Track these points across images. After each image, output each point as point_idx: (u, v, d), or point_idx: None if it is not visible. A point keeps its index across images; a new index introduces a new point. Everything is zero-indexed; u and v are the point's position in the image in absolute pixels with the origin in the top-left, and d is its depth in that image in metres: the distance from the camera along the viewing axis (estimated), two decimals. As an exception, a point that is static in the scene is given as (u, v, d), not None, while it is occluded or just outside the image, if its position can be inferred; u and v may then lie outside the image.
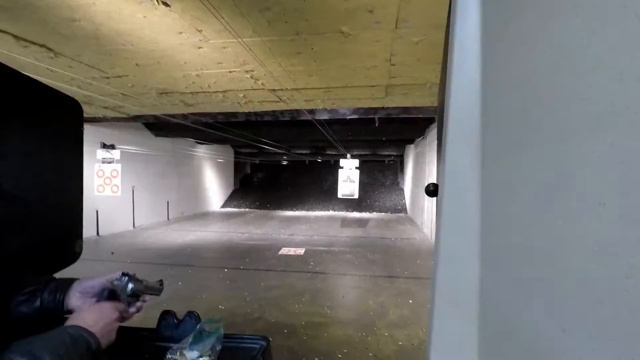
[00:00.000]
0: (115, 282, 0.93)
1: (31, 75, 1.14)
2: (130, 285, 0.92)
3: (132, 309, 0.95)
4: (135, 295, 0.95)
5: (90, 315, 0.82)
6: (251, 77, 4.15)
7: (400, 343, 3.43)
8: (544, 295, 0.46)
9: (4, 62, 1.03)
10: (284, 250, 7.69)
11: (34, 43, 3.17)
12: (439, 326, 0.67)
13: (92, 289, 0.93)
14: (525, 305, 0.50)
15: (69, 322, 0.78)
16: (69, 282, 0.93)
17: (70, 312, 0.88)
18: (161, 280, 1.09)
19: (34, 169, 1.16)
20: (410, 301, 4.56)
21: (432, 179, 8.62)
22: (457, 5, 0.72)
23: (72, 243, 1.33)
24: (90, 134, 8.28)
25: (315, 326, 3.80)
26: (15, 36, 3.02)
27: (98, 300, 0.92)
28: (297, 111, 6.04)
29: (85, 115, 1.45)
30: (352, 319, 4.03)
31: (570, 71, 0.43)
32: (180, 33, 2.92)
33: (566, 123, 0.43)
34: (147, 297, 1.01)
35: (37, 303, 0.87)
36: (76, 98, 1.35)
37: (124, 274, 0.94)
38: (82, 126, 1.39)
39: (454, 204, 0.69)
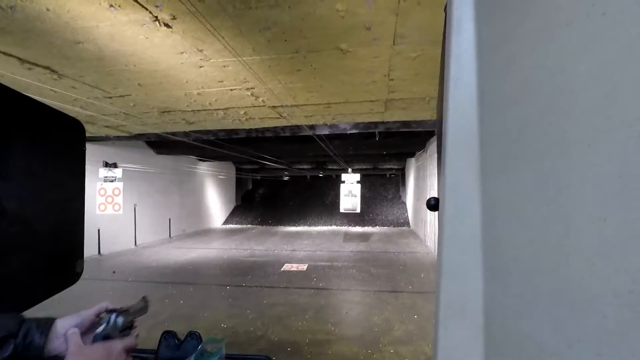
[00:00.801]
0: (103, 325, 0.81)
1: (34, 97, 1.16)
2: (120, 321, 0.85)
3: (131, 340, 0.84)
4: (127, 328, 0.88)
5: (92, 357, 0.70)
6: (252, 95, 4.20)
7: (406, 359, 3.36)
8: (548, 310, 0.45)
9: (8, 84, 1.05)
10: (287, 267, 7.63)
11: (38, 65, 3.23)
12: (443, 341, 0.66)
13: (80, 328, 0.77)
14: (530, 321, 0.49)
15: None
16: (48, 323, 0.75)
17: (53, 358, 0.73)
18: (144, 297, 1.04)
19: (35, 189, 1.17)
20: (415, 316, 4.49)
21: (434, 191, 8.61)
22: (453, 21, 0.74)
23: (74, 263, 1.33)
24: (93, 153, 8.35)
25: (320, 343, 3.73)
26: (20, 59, 3.08)
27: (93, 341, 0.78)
28: (298, 127, 6.09)
29: (87, 134, 1.46)
30: (356, 335, 3.96)
31: (567, 84, 0.44)
32: (182, 53, 2.98)
33: (565, 136, 0.44)
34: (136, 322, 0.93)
35: (9, 351, 0.68)
36: (79, 118, 1.37)
37: (108, 312, 0.85)
38: (85, 146, 1.41)
39: (455, 217, 0.69)
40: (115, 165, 8.67)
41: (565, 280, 0.43)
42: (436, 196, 0.83)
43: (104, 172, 8.33)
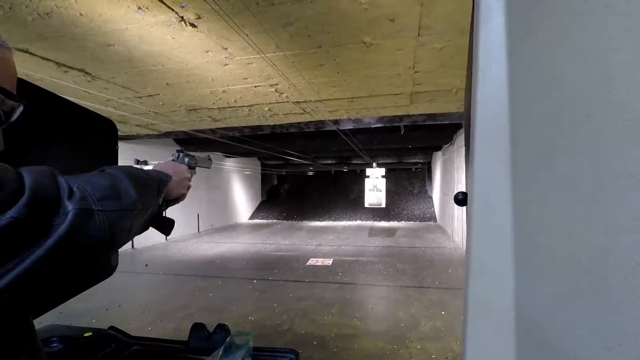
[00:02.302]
0: (172, 158, 1.00)
1: (71, 99, 1.21)
2: (186, 159, 1.01)
3: (192, 171, 1.03)
4: (190, 168, 1.03)
5: (166, 166, 0.88)
6: (276, 91, 4.23)
7: (433, 356, 3.32)
8: (586, 311, 0.43)
9: (47, 87, 1.11)
10: (312, 261, 7.68)
11: (73, 68, 3.38)
12: (472, 342, 0.64)
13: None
14: (566, 322, 0.47)
15: None
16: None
17: None
18: (209, 156, 1.22)
19: (73, 187, 1.22)
20: (443, 312, 4.41)
21: (462, 185, 8.40)
22: (481, 9, 0.71)
23: (109, 257, 1.39)
24: (125, 151, 8.67)
25: (345, 338, 3.74)
26: (56, 63, 3.23)
27: None
28: (322, 122, 6.09)
29: (120, 133, 1.52)
30: (382, 330, 3.95)
31: (604, 74, 0.41)
32: (207, 52, 3.03)
33: (602, 129, 0.41)
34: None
35: None
36: (111, 118, 1.42)
37: (178, 151, 1.03)
38: (117, 144, 1.46)
39: (484, 213, 0.67)
40: (146, 163, 8.98)
41: (604, 281, 0.40)
42: (464, 190, 0.80)
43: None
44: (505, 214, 0.63)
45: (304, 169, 18.98)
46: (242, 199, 17.31)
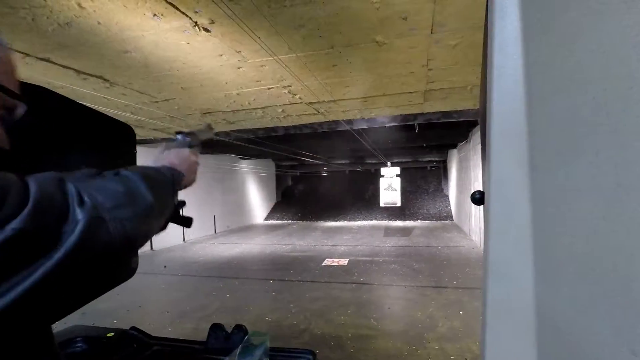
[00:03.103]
0: (174, 143, 0.96)
1: (90, 105, 1.25)
2: (187, 140, 0.98)
3: (195, 152, 0.99)
4: (192, 147, 1.01)
5: (171, 157, 0.85)
6: (289, 92, 4.25)
7: (452, 357, 3.27)
8: (609, 313, 0.42)
9: (67, 95, 1.14)
10: (328, 261, 7.68)
11: (92, 75, 3.47)
12: (492, 343, 0.63)
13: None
14: (589, 324, 0.46)
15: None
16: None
17: None
18: (209, 124, 1.14)
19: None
20: (461, 312, 4.35)
21: (479, 183, 8.26)
22: (495, 5, 0.70)
23: (129, 259, 1.42)
24: (142, 155, 8.84)
25: (362, 338, 3.73)
26: (76, 70, 3.32)
27: None
28: (335, 122, 6.08)
29: (137, 137, 1.56)
30: (399, 330, 3.92)
31: (625, 71, 0.40)
32: (221, 55, 3.07)
33: (623, 126, 0.40)
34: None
35: None
36: (129, 123, 1.45)
37: (177, 133, 1.00)
38: (135, 149, 1.49)
39: (502, 213, 0.66)
40: (163, 166, 9.12)
41: (627, 282, 0.39)
42: (481, 189, 0.79)
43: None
44: (524, 213, 0.62)
45: (318, 170, 19.00)
46: (257, 200, 17.45)
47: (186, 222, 0.90)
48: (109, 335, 1.43)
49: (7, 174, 0.46)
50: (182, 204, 0.88)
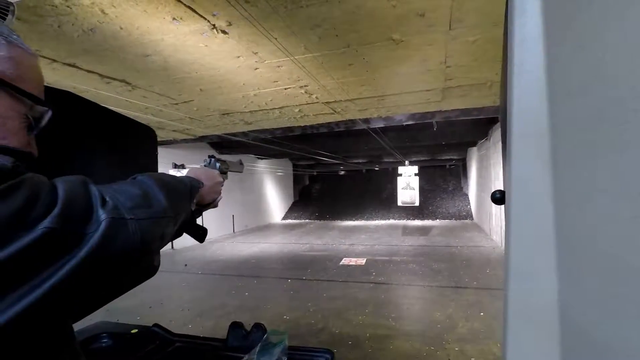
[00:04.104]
0: (204, 164, 1.05)
1: (113, 108, 1.29)
2: (217, 164, 1.06)
3: (223, 177, 1.06)
4: (222, 173, 1.07)
5: (198, 172, 0.90)
6: (305, 92, 4.26)
7: (472, 359, 3.22)
8: (637, 317, 0.40)
9: (91, 98, 1.18)
10: (345, 261, 7.67)
11: (114, 79, 3.58)
12: (514, 345, 0.62)
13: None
14: (615, 326, 0.44)
15: None
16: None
17: None
18: (240, 160, 1.25)
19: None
20: (482, 314, 4.27)
21: (499, 182, 8.08)
22: (515, 1, 0.68)
23: (151, 259, 1.46)
24: (163, 156, 9.02)
25: (380, 338, 3.71)
26: (100, 75, 3.43)
27: None
28: (352, 121, 6.06)
29: (158, 139, 1.60)
30: (418, 331, 3.88)
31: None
32: (238, 57, 3.11)
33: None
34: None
35: None
36: (150, 125, 1.49)
37: (209, 157, 1.08)
38: (157, 150, 1.53)
39: (523, 212, 0.64)
40: (183, 166, 9.25)
41: (657, 284, 0.38)
42: (502, 188, 0.78)
43: (173, 172, 9.00)
44: (546, 213, 0.60)
45: (335, 169, 18.99)
46: (274, 200, 17.59)
47: (200, 235, 0.93)
48: (133, 331, 1.48)
49: (39, 176, 0.48)
50: (199, 212, 0.90)
